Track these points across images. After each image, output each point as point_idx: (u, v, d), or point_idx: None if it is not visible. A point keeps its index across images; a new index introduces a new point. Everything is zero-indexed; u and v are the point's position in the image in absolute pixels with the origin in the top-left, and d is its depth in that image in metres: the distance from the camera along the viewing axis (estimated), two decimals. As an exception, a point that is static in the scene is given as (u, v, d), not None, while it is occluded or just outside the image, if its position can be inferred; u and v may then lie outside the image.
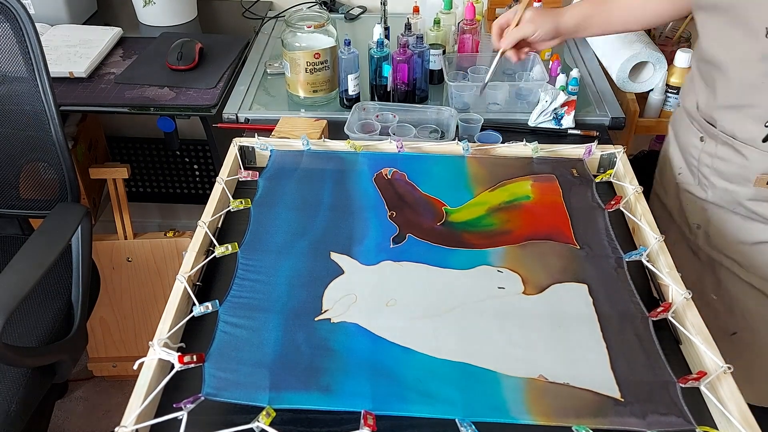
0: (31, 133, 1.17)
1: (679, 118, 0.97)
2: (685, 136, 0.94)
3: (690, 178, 0.93)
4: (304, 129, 1.04)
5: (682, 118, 0.96)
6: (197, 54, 1.38)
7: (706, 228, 0.92)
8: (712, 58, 0.83)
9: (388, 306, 0.71)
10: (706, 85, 0.87)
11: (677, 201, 0.97)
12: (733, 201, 0.87)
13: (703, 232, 0.92)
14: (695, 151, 0.91)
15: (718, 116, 0.85)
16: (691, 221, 0.94)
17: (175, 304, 0.69)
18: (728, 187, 0.87)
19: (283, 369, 0.63)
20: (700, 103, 0.89)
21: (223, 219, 0.86)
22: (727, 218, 0.89)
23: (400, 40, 1.21)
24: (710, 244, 0.92)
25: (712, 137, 0.87)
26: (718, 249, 0.91)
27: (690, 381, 0.62)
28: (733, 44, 0.79)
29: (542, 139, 1.08)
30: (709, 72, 0.85)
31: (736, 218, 0.88)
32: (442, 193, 0.87)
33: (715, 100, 0.85)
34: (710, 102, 0.86)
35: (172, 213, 2.09)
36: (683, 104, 0.96)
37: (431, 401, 0.61)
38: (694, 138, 0.91)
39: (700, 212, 0.93)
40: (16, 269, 0.98)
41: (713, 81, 0.85)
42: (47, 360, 1.06)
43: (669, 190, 1.00)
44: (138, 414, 0.58)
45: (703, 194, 0.91)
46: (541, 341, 0.67)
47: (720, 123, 0.85)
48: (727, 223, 0.89)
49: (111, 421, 1.70)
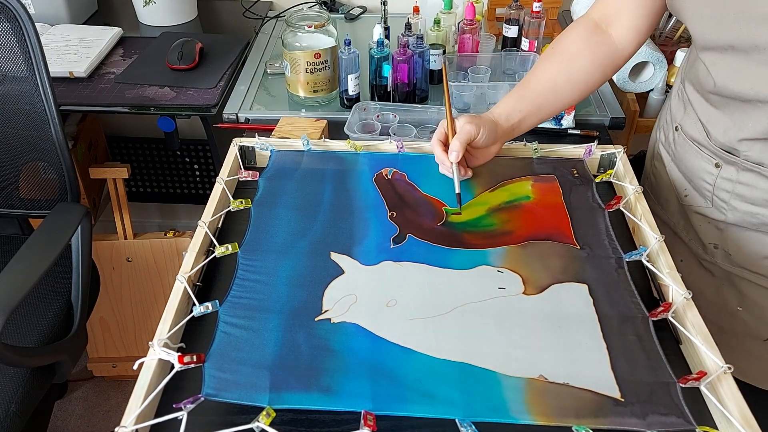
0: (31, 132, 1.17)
1: (681, 143, 0.92)
2: (692, 161, 0.89)
3: (701, 201, 0.89)
4: (304, 129, 1.04)
5: (683, 144, 0.91)
6: (197, 54, 1.38)
7: (725, 247, 0.88)
8: (734, 94, 0.79)
9: (389, 306, 0.71)
10: (726, 116, 0.82)
11: (682, 219, 0.94)
12: (758, 222, 0.84)
13: (722, 251, 0.89)
14: (708, 177, 0.87)
15: (744, 147, 0.81)
16: (706, 241, 0.90)
17: (175, 304, 0.69)
18: (753, 210, 0.83)
19: (283, 369, 0.63)
20: (714, 134, 0.84)
21: (223, 219, 0.86)
22: (748, 236, 0.86)
23: (400, 40, 1.21)
24: (731, 261, 0.88)
25: (731, 164, 0.83)
26: (740, 265, 0.88)
27: (690, 381, 0.62)
28: (759, 82, 0.75)
29: (542, 139, 1.08)
30: (730, 105, 0.81)
31: (759, 235, 0.85)
32: (442, 194, 0.87)
33: (740, 132, 0.80)
34: (731, 134, 0.82)
35: (172, 213, 2.09)
36: (683, 130, 0.91)
37: (431, 401, 0.61)
38: (705, 164, 0.87)
39: (715, 232, 0.89)
40: (16, 269, 0.98)
41: (732, 114, 0.81)
42: (47, 360, 1.06)
43: (669, 208, 0.97)
44: (138, 414, 0.58)
45: (721, 216, 0.87)
46: (542, 341, 0.67)
47: (745, 153, 0.81)
48: (750, 240, 0.86)
49: (111, 421, 1.70)
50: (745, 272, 0.87)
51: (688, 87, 0.90)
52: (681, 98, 0.93)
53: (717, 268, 0.90)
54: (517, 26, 1.36)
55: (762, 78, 0.74)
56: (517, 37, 1.37)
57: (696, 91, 0.88)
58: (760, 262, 0.86)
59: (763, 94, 0.75)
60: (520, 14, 1.36)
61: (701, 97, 0.87)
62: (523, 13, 1.36)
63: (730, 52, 0.77)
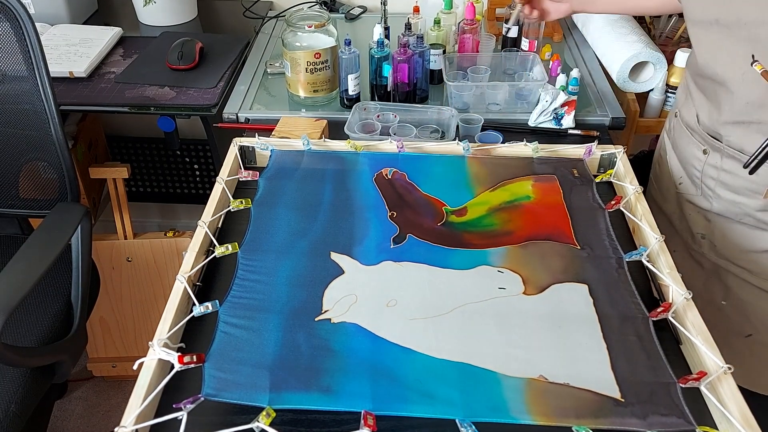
0: (31, 132, 1.17)
1: (678, 129, 0.95)
2: (685, 147, 0.92)
3: (692, 188, 0.92)
4: (304, 129, 1.04)
5: (680, 129, 0.94)
6: (197, 54, 1.38)
7: (711, 238, 0.90)
8: (713, 75, 0.81)
9: (389, 306, 0.71)
10: (708, 100, 0.85)
11: (677, 209, 0.96)
12: (740, 212, 0.86)
13: (708, 242, 0.91)
14: (698, 163, 0.89)
15: (724, 131, 0.83)
16: (695, 231, 0.93)
17: (175, 304, 0.69)
18: (736, 199, 0.85)
19: (283, 369, 0.63)
20: (702, 117, 0.87)
21: (224, 219, 0.86)
22: (733, 228, 0.88)
23: (400, 40, 1.21)
24: (716, 253, 0.90)
25: (717, 150, 0.85)
26: (725, 257, 0.90)
27: (690, 381, 0.62)
28: (735, 61, 0.77)
29: (542, 139, 1.08)
30: (710, 87, 0.83)
31: (743, 228, 0.87)
32: (442, 194, 0.87)
33: (720, 115, 0.82)
34: (714, 117, 0.84)
35: (172, 213, 2.09)
36: (681, 116, 0.94)
37: (431, 401, 0.60)
38: (695, 150, 0.89)
39: (703, 222, 0.91)
40: (15, 269, 0.98)
41: (715, 96, 0.83)
42: (47, 360, 1.06)
43: (668, 197, 0.99)
44: (138, 414, 0.58)
45: (708, 205, 0.89)
46: (542, 341, 0.67)
47: (726, 138, 0.83)
48: (734, 232, 0.88)
49: (111, 421, 1.70)
50: (730, 265, 0.89)
51: (687, 72, 0.93)
52: (685, 85, 0.95)
53: (705, 259, 0.92)
54: (517, 26, 1.36)
55: (741, 55, 0.75)
56: (518, 37, 1.37)
57: (691, 74, 0.90)
58: (743, 256, 0.87)
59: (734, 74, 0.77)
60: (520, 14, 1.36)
61: (693, 82, 0.89)
62: (523, 13, 1.35)
63: (715, 27, 0.78)
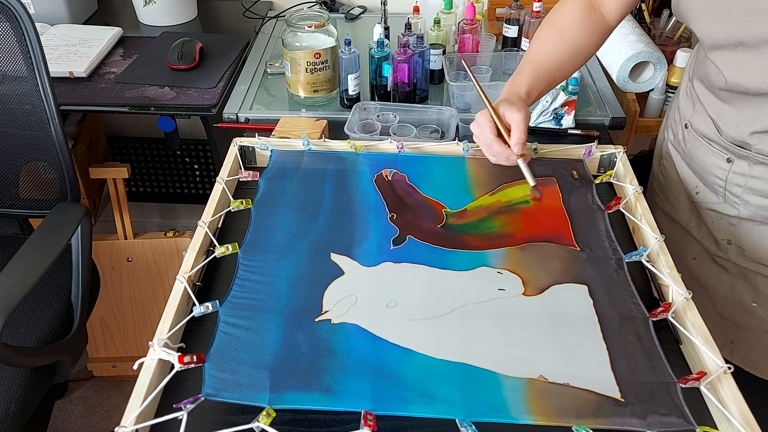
0: (31, 132, 1.17)
1: (691, 140, 0.93)
2: (703, 157, 0.90)
3: (712, 197, 0.90)
4: (304, 129, 1.04)
5: (694, 141, 0.92)
6: (197, 54, 1.38)
7: (738, 242, 0.89)
8: (746, 90, 0.80)
9: (389, 307, 0.71)
10: (737, 111, 0.83)
11: (694, 217, 0.95)
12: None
13: (735, 247, 0.89)
14: (720, 172, 0.87)
15: (755, 140, 0.82)
16: (719, 238, 0.91)
17: (175, 304, 0.69)
18: (766, 204, 0.84)
19: (284, 369, 0.63)
20: (724, 128, 0.85)
21: (224, 219, 0.86)
22: (761, 231, 0.87)
23: (400, 40, 1.21)
24: (744, 257, 0.89)
25: (743, 158, 0.84)
26: (754, 260, 0.88)
27: (690, 381, 0.62)
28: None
29: (542, 139, 1.08)
30: (741, 100, 0.82)
31: None
32: (442, 196, 0.87)
33: (751, 125, 0.81)
34: (742, 128, 0.82)
35: (172, 213, 2.09)
36: (693, 127, 0.92)
37: (431, 401, 0.61)
38: (716, 159, 0.88)
39: (728, 228, 0.90)
40: (15, 269, 0.98)
41: (744, 108, 0.82)
42: (47, 360, 1.06)
43: (679, 207, 0.97)
44: (138, 414, 0.58)
45: (733, 211, 0.88)
46: (542, 342, 0.67)
47: (757, 147, 0.82)
48: (763, 235, 0.87)
49: (111, 421, 1.70)
50: (760, 267, 0.88)
51: (697, 85, 0.91)
52: (690, 96, 0.94)
53: (731, 264, 0.91)
54: (517, 26, 1.36)
55: None
56: (517, 37, 1.37)
57: (705, 88, 0.89)
58: None
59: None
60: (520, 14, 1.36)
61: (711, 94, 0.88)
62: (523, 12, 1.36)
63: (741, 49, 0.77)
